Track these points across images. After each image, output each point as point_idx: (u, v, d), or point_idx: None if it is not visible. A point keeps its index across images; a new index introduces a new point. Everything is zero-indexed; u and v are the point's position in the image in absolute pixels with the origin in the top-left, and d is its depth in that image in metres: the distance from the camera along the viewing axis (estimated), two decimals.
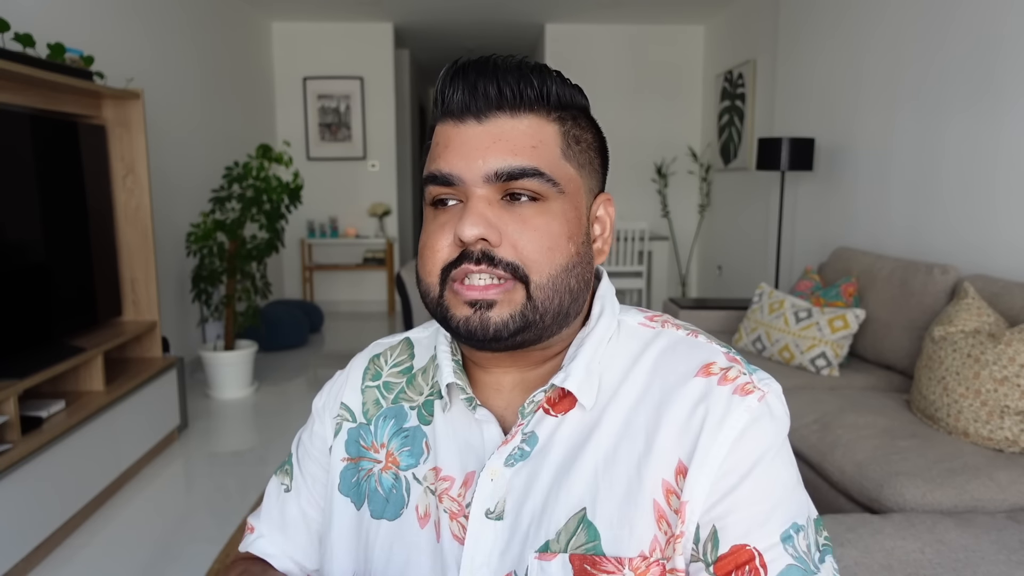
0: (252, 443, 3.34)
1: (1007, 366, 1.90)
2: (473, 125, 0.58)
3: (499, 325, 0.57)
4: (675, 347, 0.63)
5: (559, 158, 0.59)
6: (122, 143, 3.03)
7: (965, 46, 2.65)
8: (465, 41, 6.79)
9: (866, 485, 1.83)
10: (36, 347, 2.47)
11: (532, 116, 0.59)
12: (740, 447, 0.56)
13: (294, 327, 4.94)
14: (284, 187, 3.79)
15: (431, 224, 0.60)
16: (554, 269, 0.57)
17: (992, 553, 1.41)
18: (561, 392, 0.61)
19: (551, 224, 0.58)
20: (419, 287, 0.61)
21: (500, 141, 0.58)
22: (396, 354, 0.73)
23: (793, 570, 0.54)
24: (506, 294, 0.57)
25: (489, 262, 0.56)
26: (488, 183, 0.57)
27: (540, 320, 0.58)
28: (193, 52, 4.37)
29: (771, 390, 0.59)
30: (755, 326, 2.93)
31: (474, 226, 0.56)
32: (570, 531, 0.58)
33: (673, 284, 6.12)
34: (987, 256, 2.54)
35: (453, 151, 0.58)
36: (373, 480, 0.67)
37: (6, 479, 2.01)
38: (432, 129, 0.63)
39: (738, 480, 0.55)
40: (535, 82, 0.59)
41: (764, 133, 4.57)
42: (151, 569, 2.19)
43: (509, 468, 0.61)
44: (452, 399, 0.65)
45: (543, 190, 0.58)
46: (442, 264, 0.58)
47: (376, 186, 6.19)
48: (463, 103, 0.59)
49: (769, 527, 0.55)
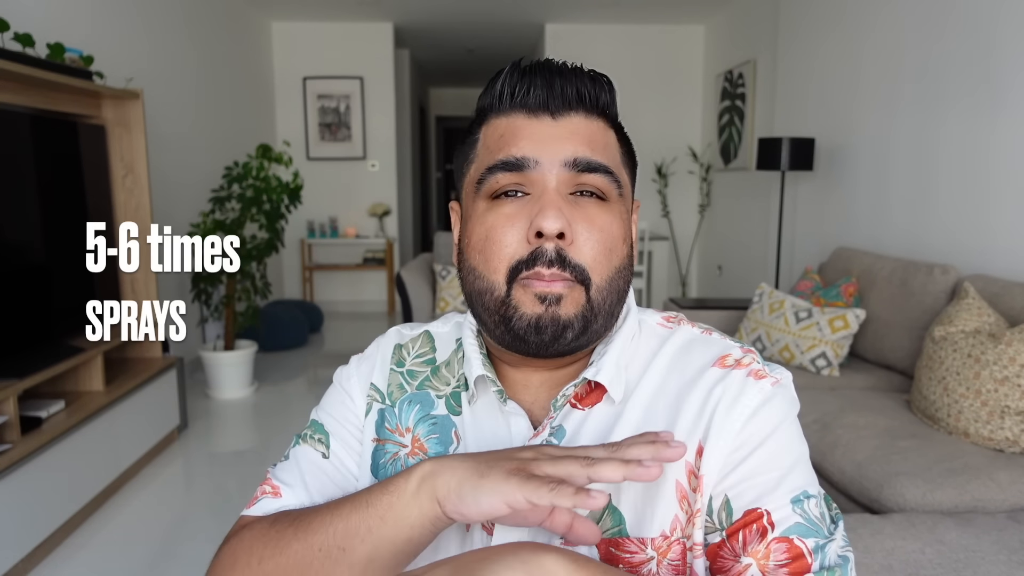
0: (252, 443, 3.34)
1: (1007, 366, 1.90)
2: (548, 121, 0.59)
3: (567, 322, 0.57)
4: (691, 343, 0.65)
5: (620, 162, 0.62)
6: (122, 143, 3.02)
7: (965, 46, 2.65)
8: (465, 41, 6.79)
9: (866, 485, 1.83)
10: (36, 347, 2.47)
11: (601, 120, 0.61)
12: (753, 422, 0.57)
13: (294, 327, 4.94)
14: (284, 187, 3.79)
15: (489, 215, 0.59)
16: (611, 271, 0.59)
17: (992, 553, 1.41)
18: (588, 387, 0.62)
19: (613, 225, 0.59)
20: (474, 284, 0.60)
21: (577, 135, 0.59)
22: (418, 345, 0.73)
23: (801, 527, 0.55)
24: (570, 291, 0.57)
25: (561, 265, 0.56)
26: (565, 169, 0.58)
27: (595, 320, 0.59)
28: (193, 52, 4.37)
29: (784, 377, 0.61)
30: (755, 326, 2.93)
31: (556, 219, 0.55)
32: (595, 517, 0.58)
33: (673, 284, 6.11)
34: (987, 256, 2.54)
35: (526, 138, 0.58)
36: (399, 464, 0.67)
37: (6, 479, 2.01)
38: (477, 124, 0.63)
39: (750, 451, 0.57)
40: (606, 90, 0.61)
41: (764, 133, 4.57)
42: (151, 569, 2.19)
43: None
44: (479, 392, 0.65)
45: (609, 190, 0.59)
46: (511, 261, 0.58)
47: (376, 186, 6.19)
48: (540, 99, 0.59)
49: (780, 491, 0.56)
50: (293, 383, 4.20)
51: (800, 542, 0.54)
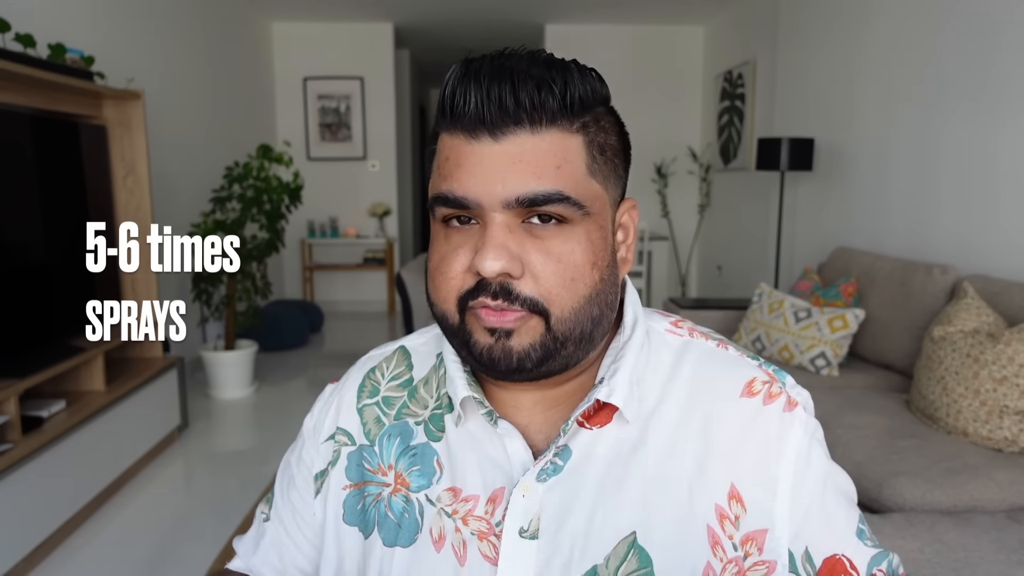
0: (252, 443, 3.34)
1: (1006, 366, 1.90)
2: (488, 143, 0.52)
3: (522, 355, 0.53)
4: (710, 361, 0.61)
5: (584, 176, 0.54)
6: (122, 143, 3.03)
7: (964, 46, 2.66)
8: (465, 41, 6.79)
9: (866, 485, 1.84)
10: (36, 347, 2.47)
11: (555, 130, 0.53)
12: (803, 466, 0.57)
13: (294, 327, 4.95)
14: (284, 187, 3.79)
15: (442, 244, 0.55)
16: (576, 302, 0.53)
17: (992, 553, 1.41)
18: (597, 404, 0.58)
19: (575, 252, 0.53)
20: (433, 309, 0.57)
21: (520, 163, 0.52)
22: (392, 366, 0.68)
23: (877, 558, 0.57)
24: (524, 323, 0.53)
25: (507, 297, 0.52)
26: (508, 209, 0.52)
27: (562, 348, 0.54)
28: (193, 52, 4.37)
29: (803, 397, 0.60)
30: (755, 326, 2.93)
31: (496, 260, 0.51)
32: (620, 556, 0.55)
33: (673, 284, 6.12)
34: (987, 256, 2.54)
35: (467, 172, 0.52)
36: (383, 505, 0.62)
37: (6, 479, 2.01)
38: (435, 135, 0.57)
39: (811, 499, 0.57)
40: (556, 88, 0.52)
41: (764, 133, 4.57)
42: (151, 569, 2.19)
43: (541, 483, 0.57)
44: (467, 412, 0.61)
45: (568, 214, 0.53)
46: (458, 292, 0.54)
47: (376, 186, 6.19)
48: (476, 115, 0.52)
49: (848, 532, 0.57)
50: (293, 383, 4.21)
51: (880, 572, 0.56)
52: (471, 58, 0.53)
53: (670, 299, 3.77)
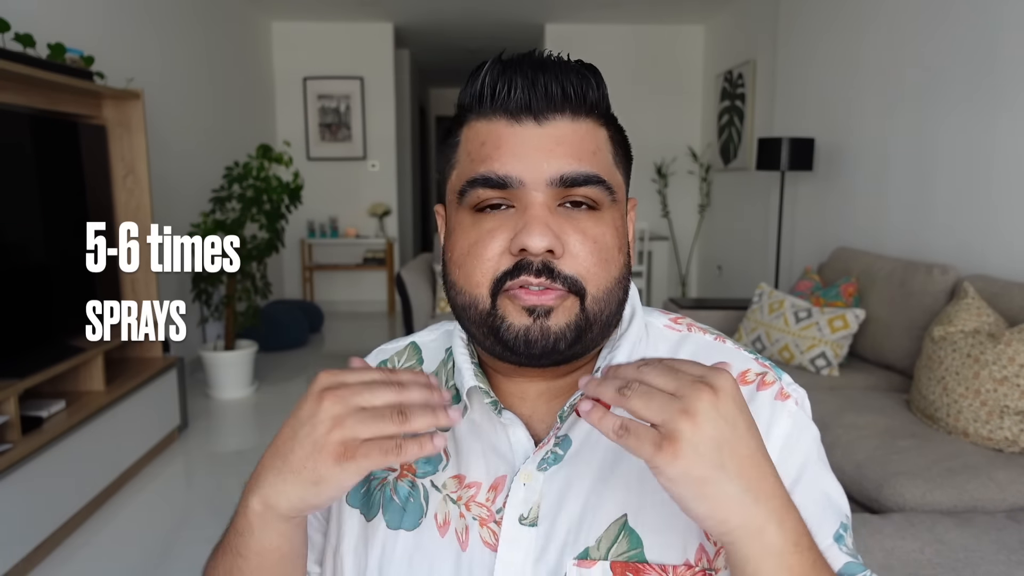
0: (252, 443, 3.34)
1: (1007, 366, 1.90)
2: (531, 126, 0.54)
3: (558, 334, 0.54)
4: (707, 353, 0.62)
5: (612, 165, 0.58)
6: (122, 143, 3.03)
7: (964, 46, 2.66)
8: (465, 41, 6.79)
9: (866, 485, 1.84)
10: (36, 347, 2.47)
11: (590, 120, 0.57)
12: (787, 455, 0.57)
13: (294, 327, 4.95)
14: (284, 187, 3.79)
15: (472, 230, 0.56)
16: (609, 282, 0.56)
17: (992, 553, 1.41)
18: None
19: (606, 235, 0.56)
20: (457, 298, 0.57)
21: (563, 144, 0.54)
22: (404, 359, 0.70)
23: (852, 566, 0.55)
24: (561, 302, 0.54)
25: (550, 275, 0.53)
26: (551, 187, 0.54)
27: (590, 330, 0.56)
28: (193, 52, 4.37)
29: (800, 395, 0.60)
30: (755, 326, 2.93)
31: (543, 236, 0.52)
32: (611, 538, 0.56)
33: (673, 284, 6.12)
34: (987, 256, 2.54)
35: (509, 152, 0.54)
36: (388, 489, 0.64)
37: (6, 479, 2.01)
38: (458, 123, 0.59)
39: (790, 487, 0.55)
40: (594, 84, 0.56)
41: (764, 133, 4.57)
42: (151, 569, 2.19)
43: (542, 472, 0.59)
44: (472, 403, 0.62)
45: (601, 198, 0.56)
46: (494, 274, 0.55)
47: (376, 186, 6.19)
48: (521, 101, 0.54)
49: (824, 529, 0.55)
50: (293, 383, 4.21)
51: None
52: (505, 56, 0.57)
53: (670, 299, 3.77)
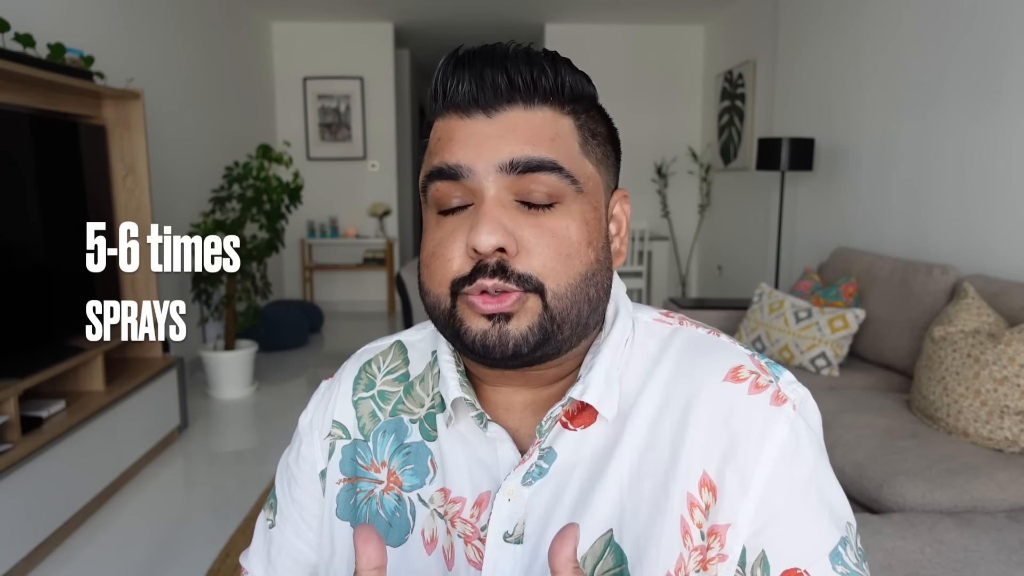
0: (252, 443, 3.34)
1: (1007, 366, 1.90)
2: (481, 119, 0.53)
3: (519, 339, 0.51)
4: (697, 346, 0.59)
5: (577, 154, 0.54)
6: (122, 143, 3.03)
7: (965, 46, 2.65)
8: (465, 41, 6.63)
9: (866, 485, 1.83)
10: (36, 347, 2.47)
11: (547, 108, 0.53)
12: (782, 466, 0.53)
13: (294, 327, 4.95)
14: (284, 187, 3.79)
15: (436, 231, 0.54)
16: (572, 278, 0.52)
17: (992, 553, 1.41)
18: (580, 405, 0.56)
19: (569, 229, 0.52)
20: (424, 299, 0.55)
21: (514, 132, 0.52)
22: (389, 360, 0.66)
23: None
24: (522, 304, 0.51)
25: (503, 275, 0.51)
26: (502, 173, 0.51)
27: (558, 331, 0.52)
28: (193, 52, 4.37)
29: (800, 397, 0.56)
30: (755, 326, 2.93)
31: (491, 234, 0.50)
32: (596, 555, 0.54)
33: (673, 284, 6.12)
34: (987, 256, 2.54)
35: (459, 142, 0.53)
36: (374, 502, 0.61)
37: (6, 479, 2.01)
38: (429, 126, 0.57)
39: (784, 502, 0.52)
40: (549, 71, 0.53)
41: (764, 133, 4.57)
42: (151, 569, 2.19)
43: (527, 487, 0.56)
44: (458, 414, 0.59)
45: (561, 189, 0.52)
46: (453, 277, 0.53)
47: (376, 186, 6.19)
48: (470, 95, 0.53)
49: (819, 550, 0.52)
50: (293, 383, 4.21)
51: None
52: (461, 49, 0.55)
53: (670, 299, 3.77)
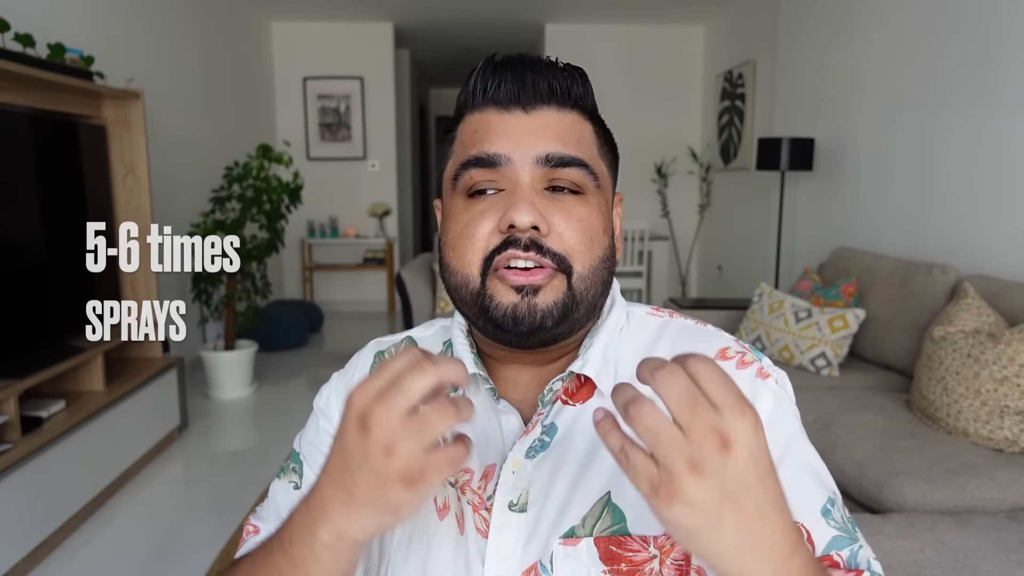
0: (252, 443, 3.34)
1: (1007, 366, 1.90)
2: (520, 115, 0.59)
3: (545, 312, 0.57)
4: (688, 332, 0.65)
5: (596, 155, 0.62)
6: (122, 143, 3.03)
7: (965, 46, 2.65)
8: (465, 41, 6.78)
9: (866, 485, 1.83)
10: (36, 347, 2.47)
11: (575, 113, 0.61)
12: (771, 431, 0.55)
13: (294, 327, 4.94)
14: (284, 187, 3.79)
15: (465, 213, 0.59)
16: (594, 260, 0.59)
17: (992, 553, 1.41)
18: (579, 381, 0.62)
19: (592, 216, 0.59)
20: (450, 279, 0.60)
21: (549, 129, 0.59)
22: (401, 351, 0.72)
23: (839, 540, 0.56)
24: (549, 280, 0.57)
25: (538, 250, 0.56)
26: (537, 165, 0.58)
27: (577, 309, 0.58)
28: (193, 52, 4.37)
29: (781, 375, 0.62)
30: (755, 326, 2.93)
31: (528, 213, 0.55)
32: (595, 515, 0.58)
33: (673, 284, 6.11)
34: (987, 256, 2.54)
35: (498, 134, 0.58)
36: None
37: (6, 479, 2.01)
38: (455, 121, 0.63)
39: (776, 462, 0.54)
40: (579, 81, 0.61)
41: (764, 133, 4.57)
42: (151, 569, 2.19)
43: (530, 460, 0.60)
44: (469, 392, 0.65)
45: (585, 183, 0.59)
46: (484, 252, 0.57)
47: (376, 186, 6.19)
48: (511, 93, 0.59)
49: (810, 504, 0.56)
50: (293, 383, 4.21)
51: (838, 556, 0.55)
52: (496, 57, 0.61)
53: (670, 299, 3.77)
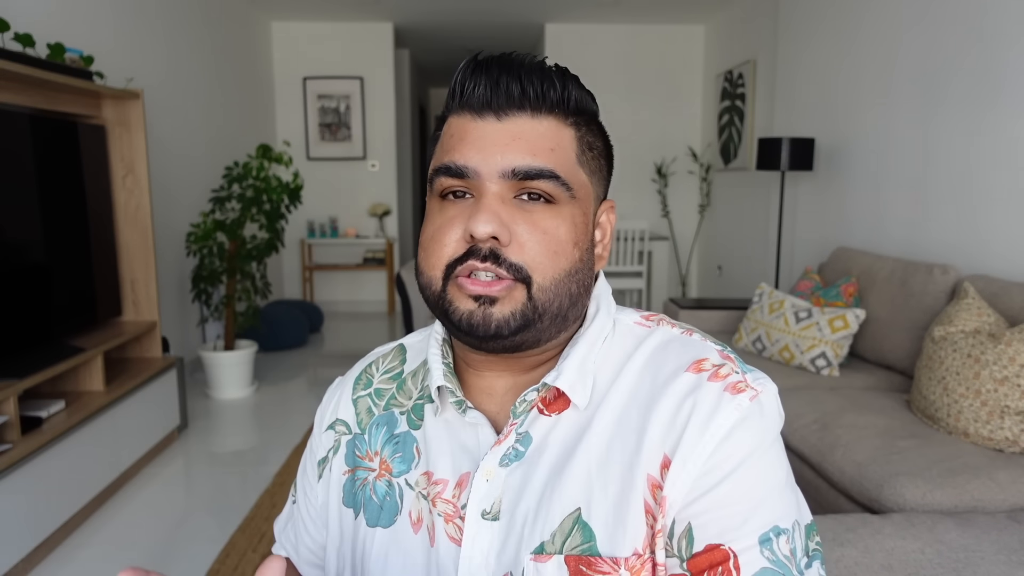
0: (252, 443, 3.34)
1: (1007, 366, 1.90)
2: (492, 121, 0.58)
3: (500, 322, 0.56)
4: (668, 344, 0.62)
5: (574, 163, 0.60)
6: (122, 143, 3.03)
7: (964, 46, 2.65)
8: (465, 41, 6.78)
9: (866, 485, 1.83)
10: (36, 347, 2.47)
11: (551, 119, 0.59)
12: (726, 446, 0.55)
13: (294, 327, 4.94)
14: (284, 187, 3.79)
15: (437, 217, 0.59)
16: (557, 273, 0.57)
17: (992, 553, 1.41)
18: (556, 392, 0.61)
19: (560, 228, 0.58)
20: (419, 279, 0.61)
21: (519, 139, 0.57)
22: (388, 360, 0.73)
23: (767, 573, 0.52)
24: (508, 292, 0.56)
25: (495, 261, 0.56)
26: (504, 179, 0.57)
27: (539, 320, 0.57)
28: (193, 52, 4.37)
29: (765, 390, 0.58)
30: (755, 326, 2.93)
31: (487, 223, 0.55)
32: (565, 532, 0.57)
33: (673, 284, 6.11)
34: (987, 256, 2.54)
35: (469, 144, 0.58)
36: (368, 489, 0.67)
37: (6, 479, 2.01)
38: (442, 120, 0.63)
39: (719, 479, 0.54)
40: (557, 85, 0.59)
41: (764, 133, 4.57)
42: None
43: (504, 468, 0.60)
44: (443, 402, 0.65)
45: (556, 193, 0.58)
46: (448, 259, 0.58)
47: (376, 186, 6.19)
48: (484, 98, 0.58)
49: (747, 528, 0.53)
50: (293, 383, 4.21)
51: None
52: (481, 54, 0.60)
53: (670, 299, 3.77)
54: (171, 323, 3.92)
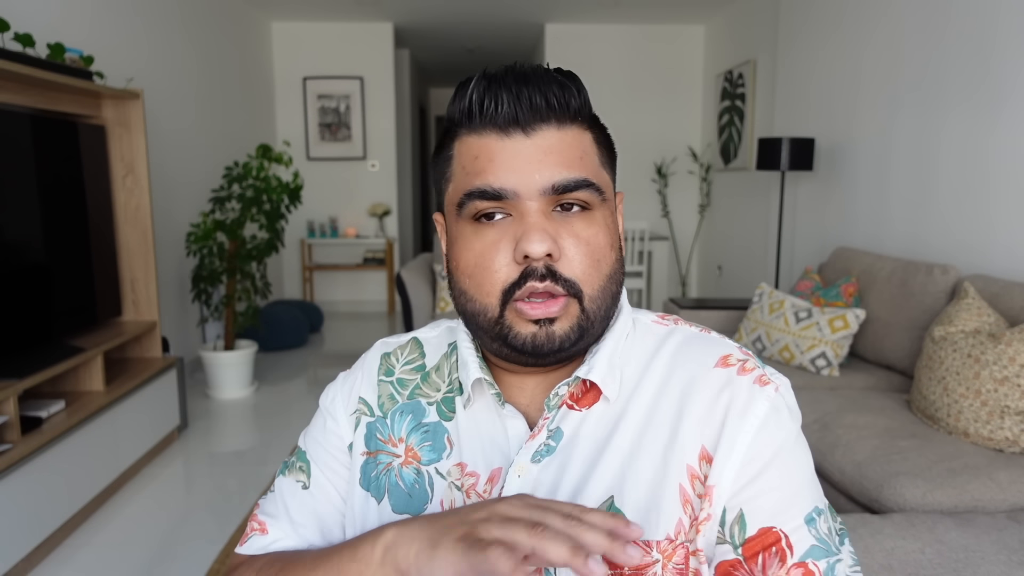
0: (252, 443, 3.34)
1: (1007, 366, 1.90)
2: (520, 138, 0.58)
3: (562, 338, 0.58)
4: (691, 341, 0.65)
5: (599, 166, 0.61)
6: (122, 143, 3.03)
7: (964, 46, 2.65)
8: (465, 41, 6.79)
9: (866, 485, 1.83)
10: (36, 347, 2.47)
11: (575, 126, 0.60)
12: (763, 434, 0.58)
13: (294, 327, 4.94)
14: (284, 187, 3.79)
15: (477, 241, 0.59)
16: (602, 280, 0.60)
17: (992, 553, 1.41)
18: (584, 387, 0.63)
19: (599, 235, 0.59)
20: (466, 305, 0.61)
21: (551, 154, 0.58)
22: (407, 352, 0.73)
23: (816, 550, 0.56)
24: (565, 309, 0.58)
25: (553, 278, 0.57)
26: (544, 195, 0.57)
27: (591, 327, 0.60)
28: (193, 52, 4.37)
29: (783, 383, 0.62)
30: (755, 326, 2.93)
31: (541, 242, 0.56)
32: None
33: (673, 284, 6.11)
34: (987, 256, 2.54)
35: (501, 165, 0.58)
36: (393, 474, 0.67)
37: (6, 479, 2.01)
38: (449, 137, 0.62)
39: (763, 466, 0.57)
40: (575, 91, 0.60)
41: (764, 133, 4.57)
42: (151, 569, 2.19)
43: (536, 464, 0.61)
44: (475, 396, 0.66)
45: (592, 200, 0.59)
46: (503, 285, 0.58)
47: (376, 186, 6.19)
48: (510, 115, 0.58)
49: (793, 511, 0.57)
50: (293, 383, 4.21)
51: (814, 566, 0.56)
52: (489, 71, 0.60)
53: (670, 299, 3.77)
54: (171, 323, 3.92)
